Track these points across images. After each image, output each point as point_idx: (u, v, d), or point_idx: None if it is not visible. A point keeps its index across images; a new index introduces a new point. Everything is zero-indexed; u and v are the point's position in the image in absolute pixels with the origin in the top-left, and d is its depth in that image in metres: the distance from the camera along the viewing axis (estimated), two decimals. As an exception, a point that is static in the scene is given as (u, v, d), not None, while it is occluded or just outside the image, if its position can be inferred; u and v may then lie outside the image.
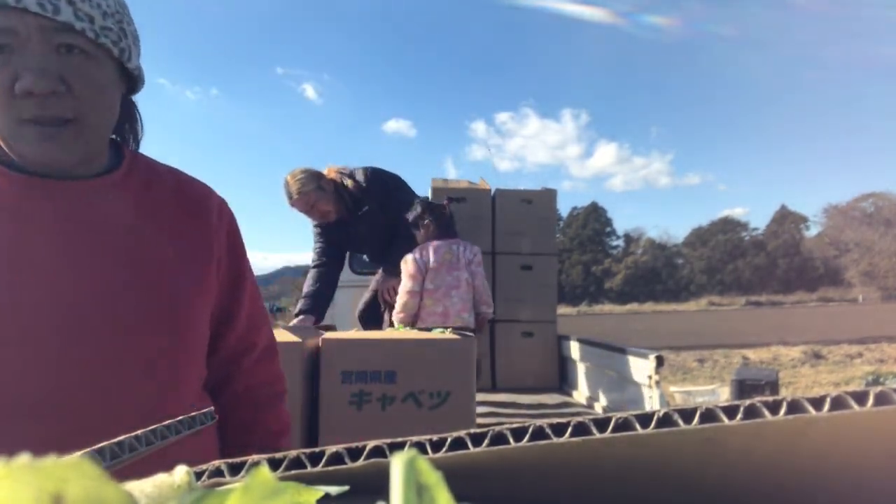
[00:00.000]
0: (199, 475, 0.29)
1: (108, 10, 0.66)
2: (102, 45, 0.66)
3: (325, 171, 2.65)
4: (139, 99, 0.82)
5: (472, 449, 0.28)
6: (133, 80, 0.75)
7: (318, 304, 2.66)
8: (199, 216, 0.80)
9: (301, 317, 2.58)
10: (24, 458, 0.13)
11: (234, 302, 0.84)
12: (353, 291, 3.31)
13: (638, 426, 0.28)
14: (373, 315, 2.81)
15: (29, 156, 0.65)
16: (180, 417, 0.38)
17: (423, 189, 4.03)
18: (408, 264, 2.42)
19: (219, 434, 0.84)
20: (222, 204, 0.85)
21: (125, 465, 0.32)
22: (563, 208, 57.43)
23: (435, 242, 2.44)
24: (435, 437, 0.29)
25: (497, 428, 0.29)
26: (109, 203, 0.71)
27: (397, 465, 0.16)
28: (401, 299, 2.40)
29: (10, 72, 0.60)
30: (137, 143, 0.84)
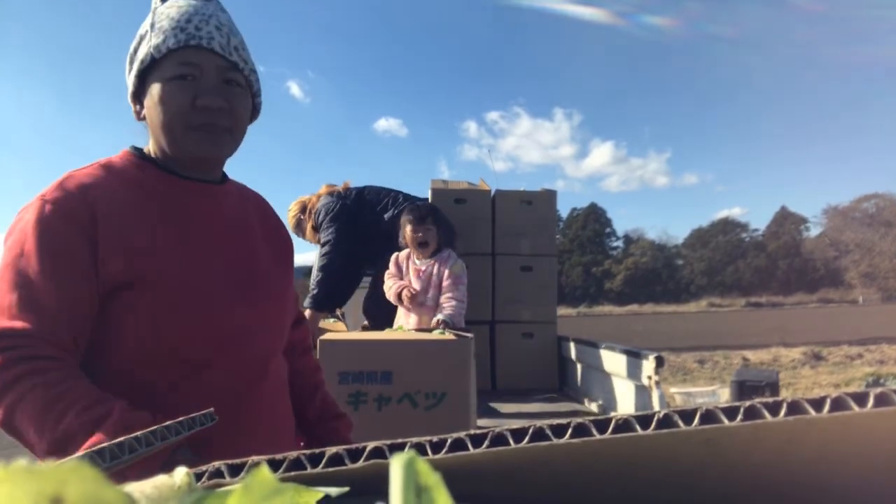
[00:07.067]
0: (198, 476, 0.29)
1: (251, 60, 0.92)
2: (249, 83, 0.91)
3: (318, 191, 3.13)
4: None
5: (472, 450, 0.28)
6: (255, 112, 0.97)
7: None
8: (279, 229, 1.06)
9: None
10: (21, 463, 0.13)
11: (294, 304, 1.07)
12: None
13: (638, 427, 0.28)
14: (380, 309, 2.81)
15: (194, 153, 0.87)
16: (181, 419, 0.38)
17: (422, 190, 4.03)
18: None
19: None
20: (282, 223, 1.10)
21: (126, 465, 0.32)
22: (562, 209, 57.52)
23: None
24: (435, 439, 0.29)
25: (497, 429, 0.29)
26: (232, 205, 0.96)
27: (396, 466, 0.16)
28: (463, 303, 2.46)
29: (192, 92, 0.84)
30: None
